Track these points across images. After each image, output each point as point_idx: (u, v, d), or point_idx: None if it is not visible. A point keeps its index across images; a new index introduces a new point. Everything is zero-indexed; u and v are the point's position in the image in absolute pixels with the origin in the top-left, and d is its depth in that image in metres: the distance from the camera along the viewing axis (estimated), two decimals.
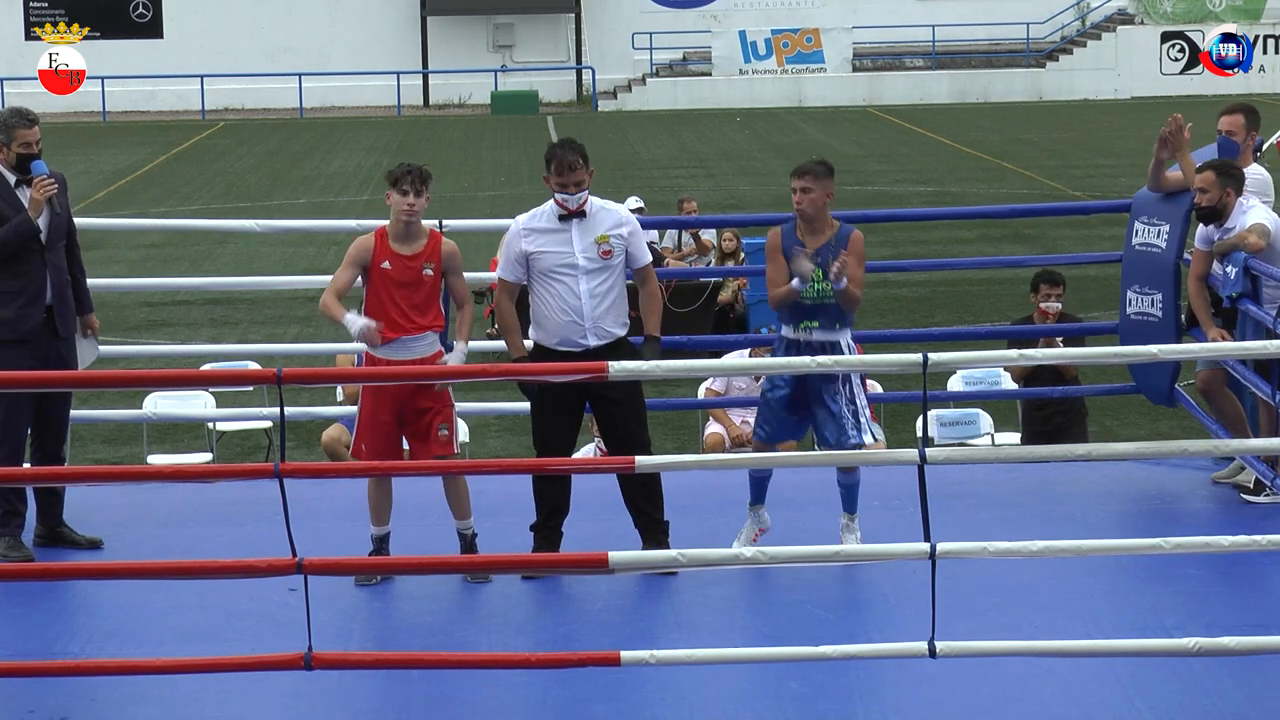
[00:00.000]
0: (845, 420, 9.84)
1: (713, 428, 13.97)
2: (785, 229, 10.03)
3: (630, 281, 10.15)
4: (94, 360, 10.65)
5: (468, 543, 9.87)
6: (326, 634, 8.35)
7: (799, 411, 9.94)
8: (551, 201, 9.96)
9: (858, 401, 9.89)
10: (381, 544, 9.86)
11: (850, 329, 9.99)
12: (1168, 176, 11.54)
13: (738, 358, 13.28)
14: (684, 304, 19.94)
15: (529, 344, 10.12)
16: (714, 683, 8.35)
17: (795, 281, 9.80)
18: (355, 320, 9.58)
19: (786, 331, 9.97)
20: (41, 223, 10.13)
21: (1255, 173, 11.28)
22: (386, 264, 9.70)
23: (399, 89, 54.01)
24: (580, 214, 9.91)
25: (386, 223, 9.87)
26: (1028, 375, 14.00)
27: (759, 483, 10.04)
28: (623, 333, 9.98)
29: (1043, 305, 13.79)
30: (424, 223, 9.87)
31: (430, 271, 9.72)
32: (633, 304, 10.15)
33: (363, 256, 9.73)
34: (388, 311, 9.69)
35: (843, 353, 9.87)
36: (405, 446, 9.97)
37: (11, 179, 10.12)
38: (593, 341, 9.88)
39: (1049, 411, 14.02)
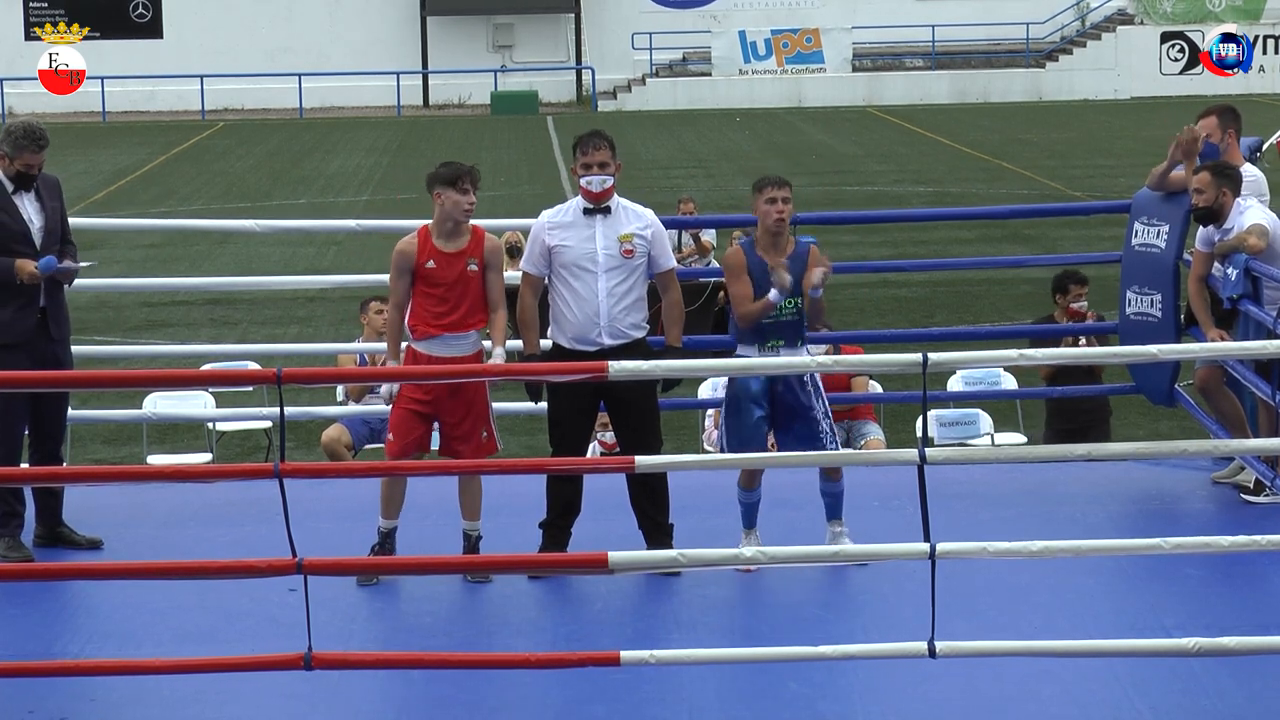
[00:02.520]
0: (824, 434, 9.85)
1: None
2: (744, 244, 9.95)
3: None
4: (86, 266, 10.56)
5: (471, 543, 9.88)
6: (326, 634, 8.35)
7: (776, 425, 9.92)
8: (578, 196, 9.98)
9: (829, 414, 9.93)
10: (387, 538, 9.84)
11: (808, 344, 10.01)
12: (1173, 177, 11.53)
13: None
14: (684, 304, 19.87)
15: (546, 344, 10.14)
16: (714, 683, 8.35)
17: (773, 294, 9.71)
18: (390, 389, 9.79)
19: (749, 353, 9.90)
20: (35, 226, 10.14)
21: (1249, 173, 11.27)
22: (431, 263, 9.73)
23: (399, 89, 54.01)
24: (605, 210, 9.93)
25: (428, 222, 9.90)
26: (1054, 374, 13.97)
27: (750, 508, 10.02)
28: (639, 335, 9.98)
29: (1074, 306, 13.80)
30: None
31: (474, 267, 9.76)
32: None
33: (406, 262, 9.77)
34: (433, 308, 9.71)
35: (812, 371, 9.81)
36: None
37: (10, 186, 10.14)
38: (607, 341, 9.87)
39: (1071, 409, 14.01)
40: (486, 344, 10.04)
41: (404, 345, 9.94)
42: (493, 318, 9.88)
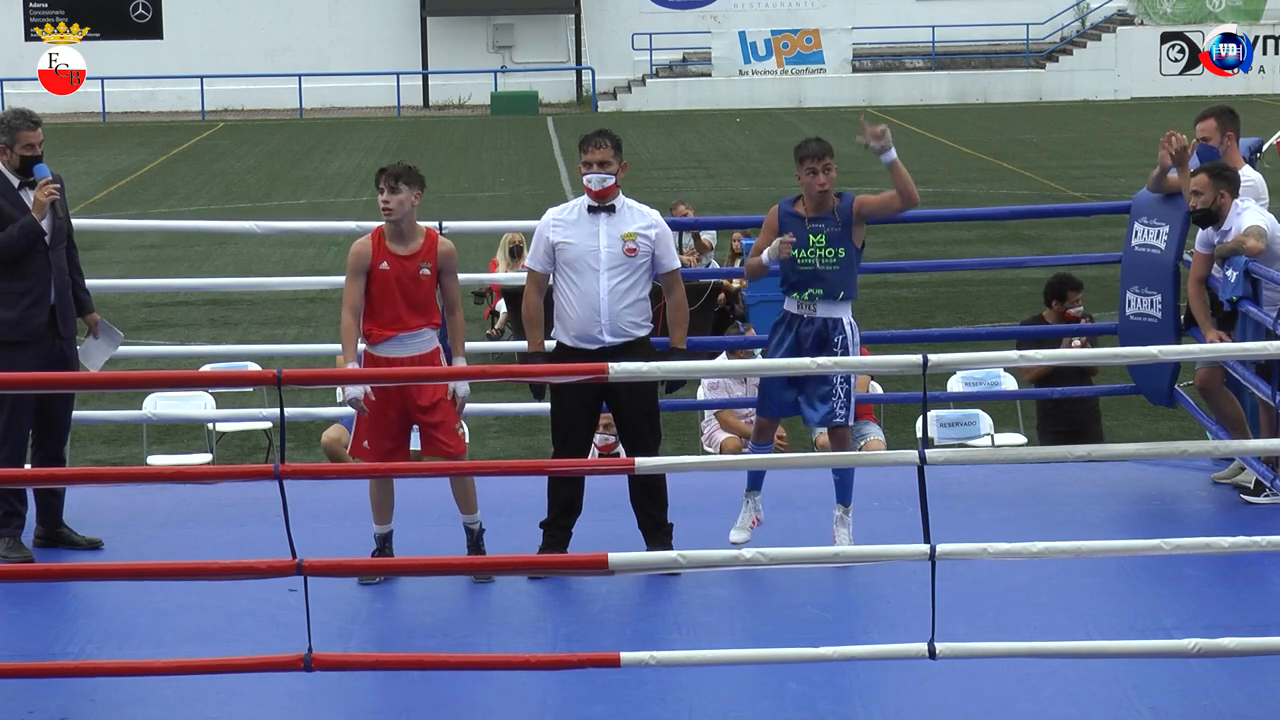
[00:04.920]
0: (836, 398, 9.85)
1: (726, 432, 13.96)
2: (783, 203, 10.00)
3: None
4: (115, 350, 10.69)
5: (474, 537, 9.87)
6: (326, 635, 8.35)
7: (796, 383, 9.95)
8: (584, 195, 10.00)
9: (852, 380, 9.90)
10: (384, 543, 9.86)
11: (852, 305, 9.96)
12: (1170, 179, 11.54)
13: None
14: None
15: (550, 344, 10.15)
16: (714, 683, 8.35)
17: (765, 253, 9.80)
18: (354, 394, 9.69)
19: (790, 305, 9.96)
20: (45, 224, 10.17)
21: (1247, 177, 11.26)
22: (385, 264, 9.73)
23: (399, 89, 54.01)
24: (610, 208, 9.95)
25: (382, 224, 9.91)
26: (1046, 376, 13.97)
27: (756, 470, 10.03)
28: (642, 334, 9.98)
29: (1071, 311, 13.83)
30: (420, 223, 9.88)
31: (427, 271, 9.76)
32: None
33: (361, 263, 9.76)
34: (386, 309, 9.71)
35: (845, 332, 9.85)
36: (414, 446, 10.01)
37: (14, 180, 10.16)
38: (609, 339, 9.88)
39: (1067, 410, 14.02)
40: (459, 361, 9.99)
41: (361, 349, 9.88)
42: (451, 320, 9.88)
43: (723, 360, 13.24)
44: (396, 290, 9.70)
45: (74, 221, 10.60)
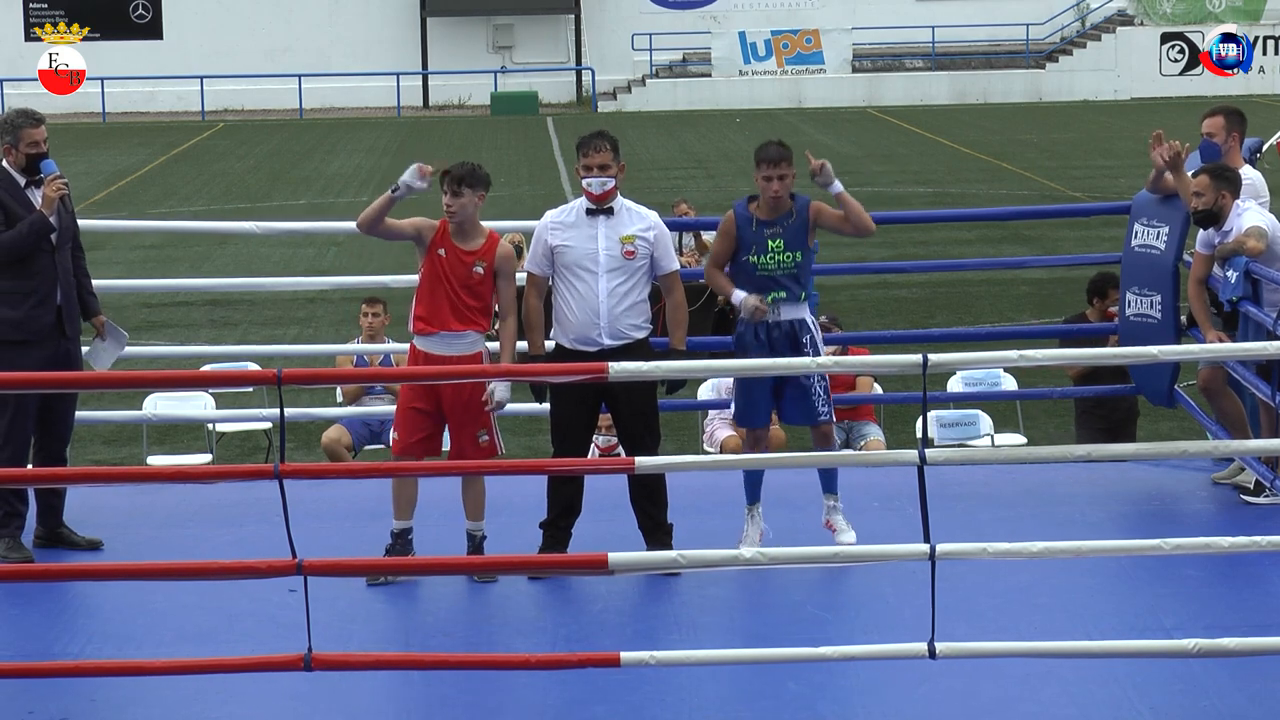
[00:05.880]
0: (816, 397, 9.91)
1: (728, 431, 13.95)
2: (738, 208, 10.06)
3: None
4: (122, 350, 10.71)
5: (476, 544, 9.87)
6: (327, 635, 8.34)
7: (771, 384, 10.00)
8: (583, 197, 10.00)
9: (826, 377, 9.98)
10: (399, 538, 9.82)
11: (811, 305, 10.06)
12: (1167, 179, 11.54)
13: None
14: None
15: (550, 345, 10.15)
16: (714, 683, 8.36)
17: (736, 295, 9.88)
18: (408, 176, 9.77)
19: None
20: (52, 221, 10.16)
21: (1246, 176, 11.26)
22: (443, 251, 9.75)
23: (399, 90, 54.02)
24: (608, 211, 9.94)
25: None
26: (1087, 374, 13.96)
27: (754, 482, 10.05)
28: (641, 336, 9.98)
29: (1113, 309, 13.81)
30: (484, 224, 9.93)
31: (480, 270, 9.77)
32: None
33: (425, 227, 9.84)
34: (436, 304, 9.72)
35: (811, 331, 9.98)
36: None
37: (21, 181, 10.15)
38: (607, 341, 9.88)
39: (1104, 410, 14.02)
40: (493, 346, 10.04)
41: (407, 345, 9.98)
42: (501, 325, 9.90)
43: (723, 361, 13.22)
44: (446, 282, 9.73)
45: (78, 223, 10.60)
